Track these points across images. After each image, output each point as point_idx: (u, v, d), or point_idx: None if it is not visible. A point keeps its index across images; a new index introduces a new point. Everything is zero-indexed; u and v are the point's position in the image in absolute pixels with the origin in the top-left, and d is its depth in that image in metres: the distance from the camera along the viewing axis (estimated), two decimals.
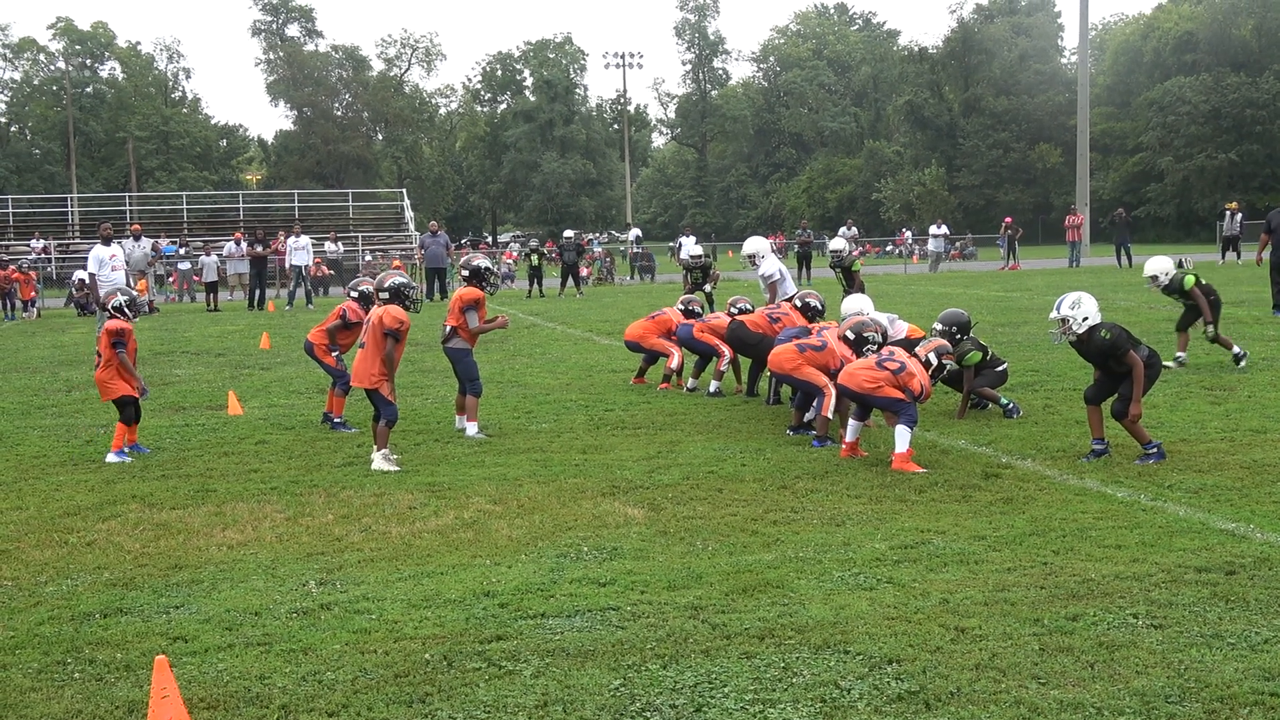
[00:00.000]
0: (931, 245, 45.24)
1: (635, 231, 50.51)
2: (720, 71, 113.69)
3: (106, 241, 19.96)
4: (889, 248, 63.75)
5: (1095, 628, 5.67)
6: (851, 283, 18.47)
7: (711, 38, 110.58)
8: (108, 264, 19.43)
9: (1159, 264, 14.77)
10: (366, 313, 11.24)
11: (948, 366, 10.33)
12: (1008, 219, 46.41)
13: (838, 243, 19.75)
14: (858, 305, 11.83)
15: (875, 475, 9.08)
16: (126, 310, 10.98)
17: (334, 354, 12.21)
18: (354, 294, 12.30)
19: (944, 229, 46.65)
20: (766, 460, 9.75)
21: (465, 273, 11.74)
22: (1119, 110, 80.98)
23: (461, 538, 7.62)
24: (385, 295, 10.38)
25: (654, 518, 7.99)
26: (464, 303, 11.40)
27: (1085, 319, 9.35)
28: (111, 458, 10.58)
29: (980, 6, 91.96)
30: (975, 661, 5.29)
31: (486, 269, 11.75)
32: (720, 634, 5.73)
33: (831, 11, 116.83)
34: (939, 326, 11.84)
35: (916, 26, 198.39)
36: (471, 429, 11.38)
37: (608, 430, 11.45)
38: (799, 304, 12.77)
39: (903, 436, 9.34)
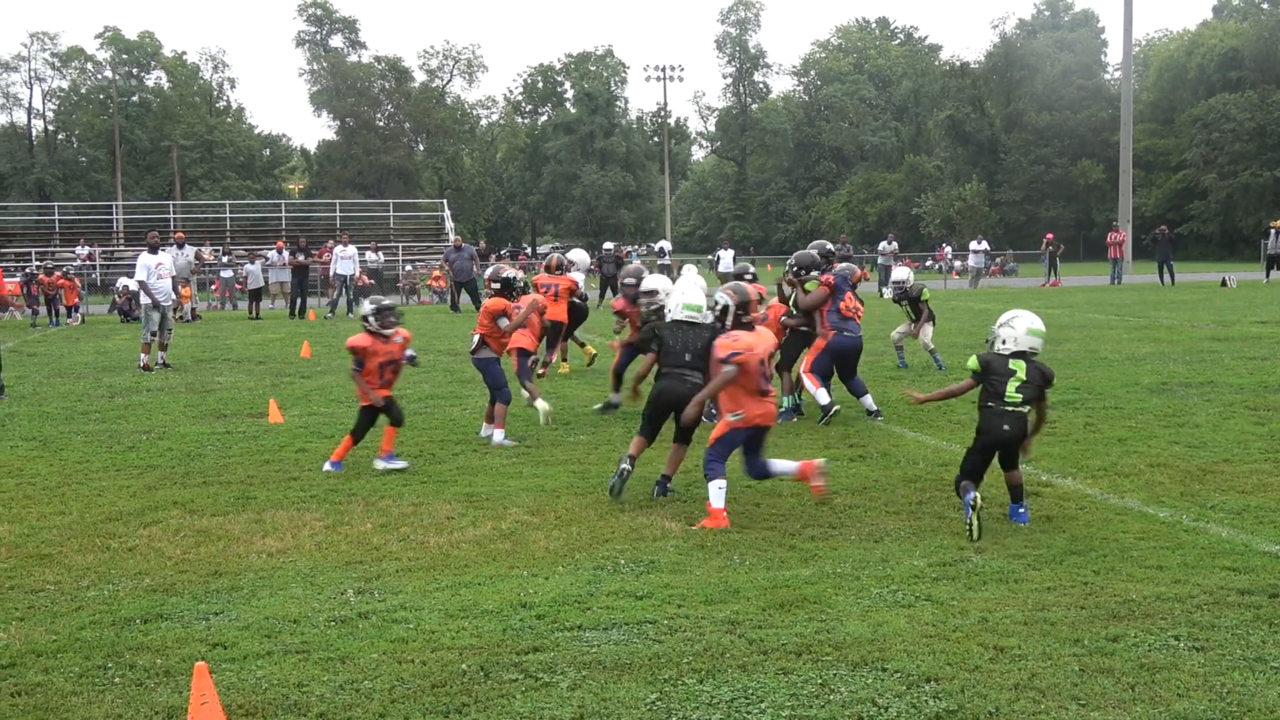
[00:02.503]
0: (972, 261, 45.03)
1: (664, 244, 50.51)
2: (761, 85, 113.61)
3: (154, 250, 20.12)
4: (929, 263, 63.46)
5: (1136, 649, 5.62)
6: (919, 313, 17.44)
7: (752, 51, 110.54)
8: (154, 272, 19.60)
9: None
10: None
11: None
12: (1049, 235, 46.14)
13: (901, 272, 18.21)
14: (928, 334, 11.56)
15: (914, 492, 9.04)
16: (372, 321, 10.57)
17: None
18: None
19: (984, 244, 46.44)
20: None
21: (495, 285, 12.03)
22: (1162, 127, 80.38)
23: (499, 548, 7.64)
24: (496, 286, 11.80)
25: (691, 531, 7.98)
26: (492, 313, 11.69)
27: (1002, 340, 8.51)
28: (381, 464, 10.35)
29: (1023, 22, 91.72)
30: (1014, 681, 5.25)
31: (514, 279, 12.07)
32: (757, 649, 5.71)
33: (873, 26, 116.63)
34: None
35: (958, 41, 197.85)
36: (499, 436, 11.51)
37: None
38: None
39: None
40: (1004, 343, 8.48)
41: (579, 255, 19.08)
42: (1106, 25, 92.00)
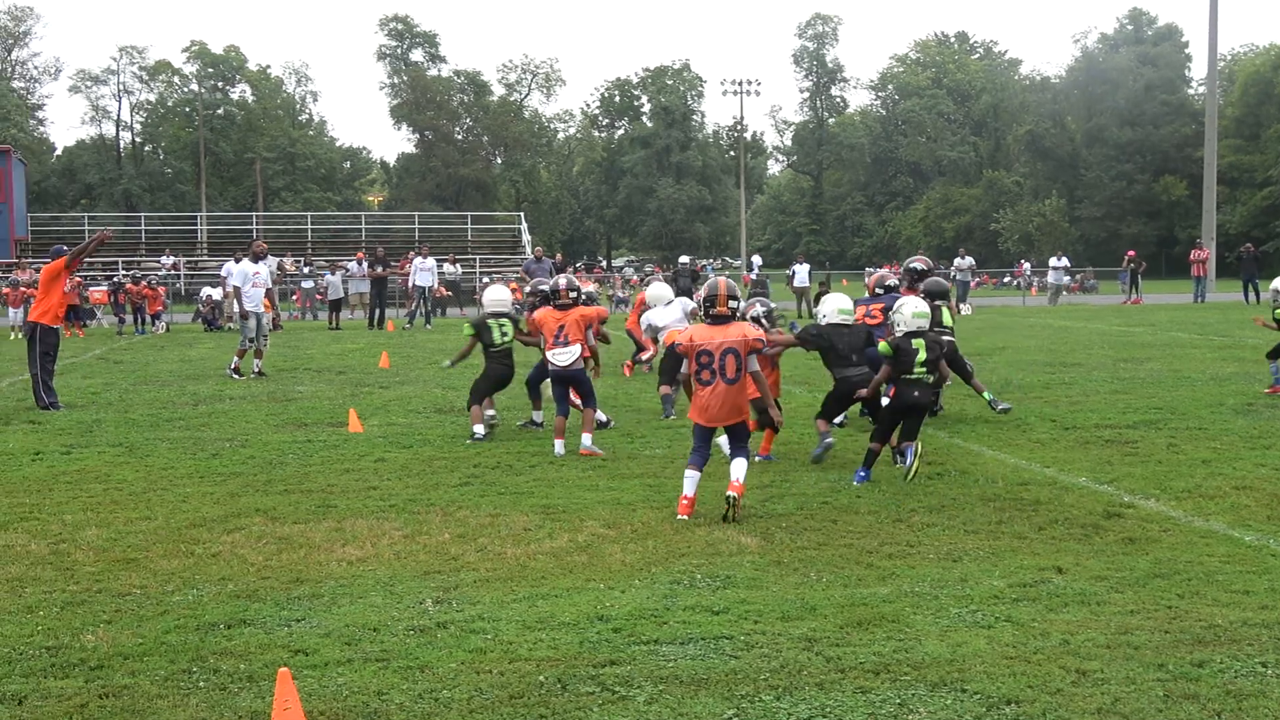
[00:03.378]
0: (1051, 277, 44.57)
1: (755, 259, 50.38)
2: (838, 99, 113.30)
3: (256, 259, 20.47)
4: (1007, 279, 62.84)
5: (1222, 675, 5.52)
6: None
7: (830, 65, 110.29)
8: (250, 279, 19.95)
9: None
10: None
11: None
12: (1130, 252, 45.55)
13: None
14: None
15: (993, 511, 8.94)
16: (764, 322, 11.32)
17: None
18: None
19: (1064, 261, 45.93)
20: (881, 493, 9.66)
21: (575, 294, 12.36)
22: (1248, 143, 79.05)
23: (575, 561, 7.66)
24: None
25: (767, 547, 7.95)
26: (589, 320, 12.26)
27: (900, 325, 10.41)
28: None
29: (1105, 36, 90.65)
30: (1097, 705, 5.17)
31: (557, 290, 12.41)
32: (835, 667, 5.68)
33: (952, 40, 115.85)
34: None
35: (1039, 55, 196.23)
36: (586, 440, 11.84)
37: (721, 458, 11.36)
38: None
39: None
40: (899, 327, 10.48)
41: (659, 290, 17.28)
42: (1190, 39, 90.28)
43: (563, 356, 11.97)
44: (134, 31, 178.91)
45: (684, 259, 38.11)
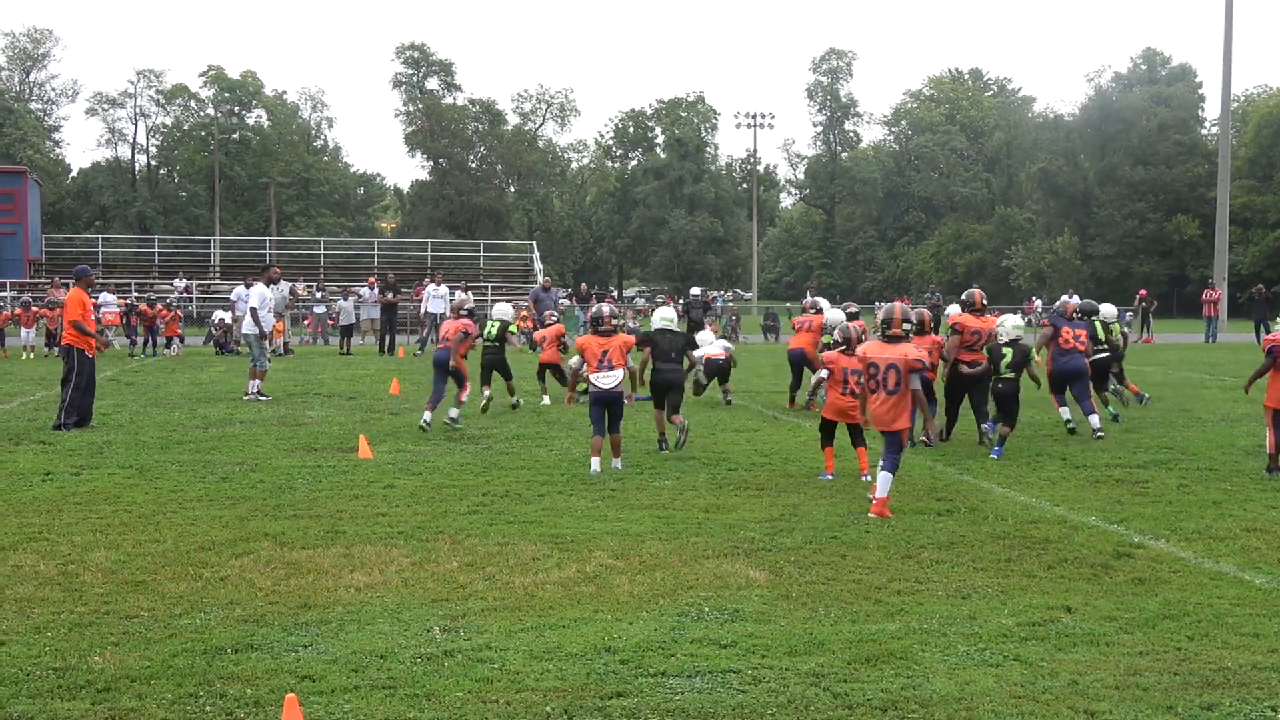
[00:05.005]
0: None
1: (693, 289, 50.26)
2: (851, 134, 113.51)
3: (270, 283, 20.77)
4: (1019, 316, 62.81)
5: (1231, 718, 5.50)
6: None
7: (843, 100, 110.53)
8: (270, 302, 20.30)
9: None
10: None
11: None
12: (1142, 291, 45.49)
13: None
14: None
15: (1003, 549, 8.92)
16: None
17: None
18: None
19: (1075, 298, 45.86)
20: (891, 528, 9.64)
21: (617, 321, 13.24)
22: (1260, 184, 78.93)
23: (583, 591, 7.65)
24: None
25: (776, 581, 7.94)
26: (630, 346, 13.00)
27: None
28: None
29: (1119, 75, 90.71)
30: None
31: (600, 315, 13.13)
32: (842, 703, 5.66)
33: (966, 77, 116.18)
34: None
35: (1052, 93, 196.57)
36: (617, 463, 12.60)
37: (730, 490, 11.43)
38: None
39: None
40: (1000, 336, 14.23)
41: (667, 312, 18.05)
42: (1204, 80, 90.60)
43: (606, 379, 12.55)
44: (152, 55, 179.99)
45: (695, 290, 38.19)
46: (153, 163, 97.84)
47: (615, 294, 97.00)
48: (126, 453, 13.68)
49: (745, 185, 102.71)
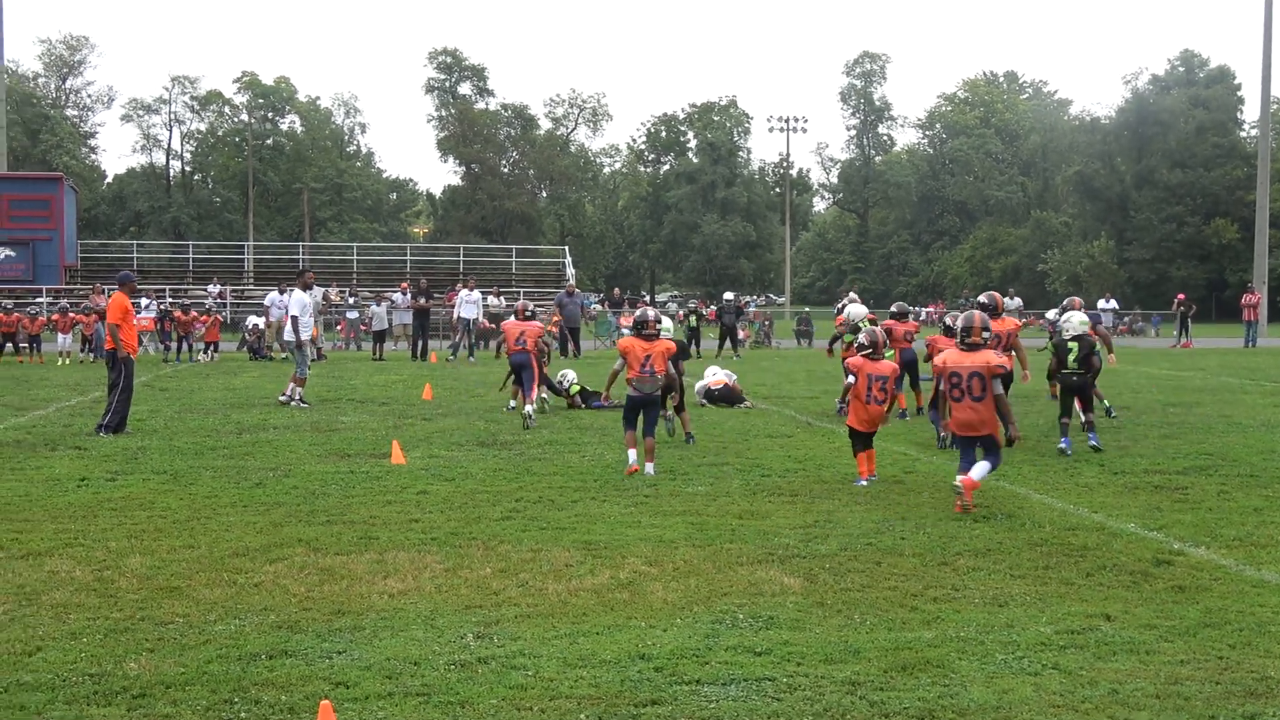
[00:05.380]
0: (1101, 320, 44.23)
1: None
2: (885, 137, 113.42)
3: (306, 288, 20.94)
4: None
5: None
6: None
7: (877, 104, 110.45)
8: (309, 308, 20.50)
9: None
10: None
11: None
12: (1180, 295, 45.15)
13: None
14: None
15: (1040, 556, 8.85)
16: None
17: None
18: None
19: (1112, 303, 45.63)
20: (927, 535, 9.59)
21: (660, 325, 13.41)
22: None
23: (617, 598, 7.64)
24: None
25: (810, 588, 7.91)
26: (672, 352, 13.30)
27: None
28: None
29: (1156, 77, 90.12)
30: None
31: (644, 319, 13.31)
32: (879, 711, 5.63)
33: (1001, 79, 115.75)
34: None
35: (1088, 96, 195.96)
36: (650, 469, 12.59)
37: (764, 496, 11.39)
38: None
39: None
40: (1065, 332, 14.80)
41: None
42: (1243, 82, 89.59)
43: (647, 384, 12.76)
44: (186, 62, 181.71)
45: (728, 295, 38.13)
46: (187, 169, 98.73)
47: (647, 299, 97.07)
48: (161, 458, 13.76)
49: (778, 189, 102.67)
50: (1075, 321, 15.07)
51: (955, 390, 10.71)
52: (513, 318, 19.10)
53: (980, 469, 10.54)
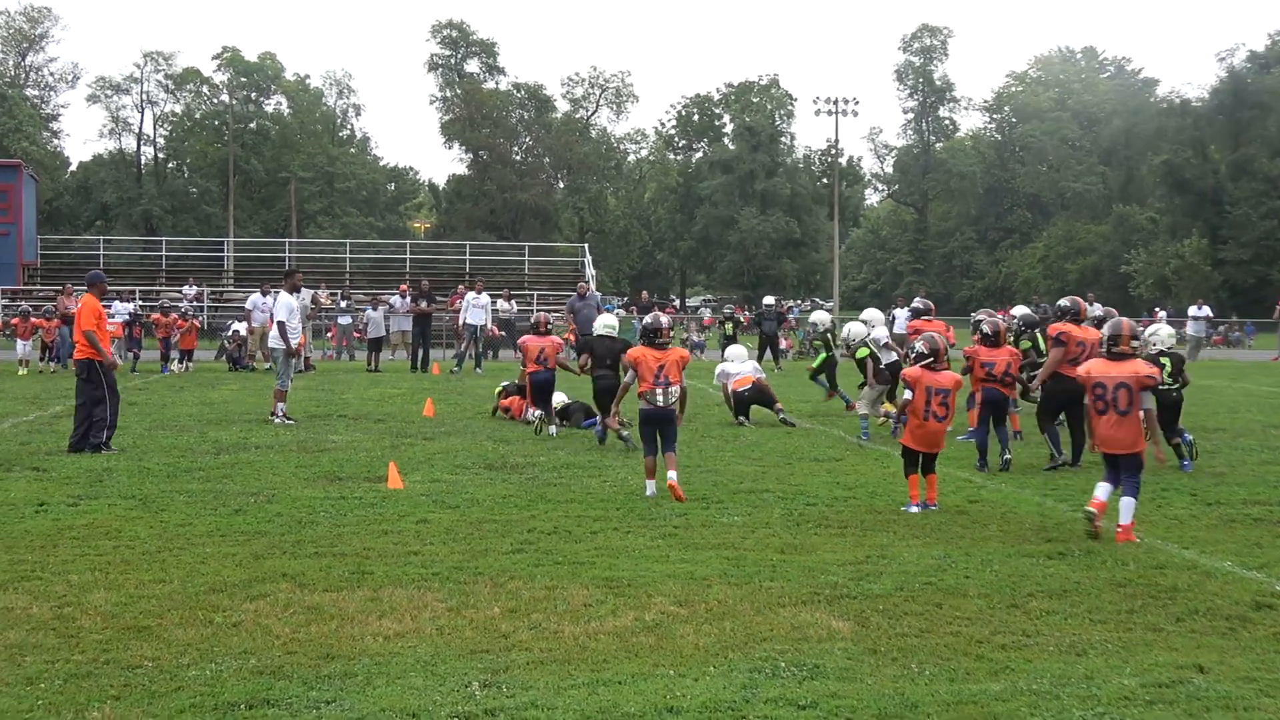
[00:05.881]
0: (1190, 329, 43.93)
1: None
2: (946, 122, 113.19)
3: (294, 290, 21.05)
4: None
5: None
6: (864, 371, 19.72)
7: (938, 83, 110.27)
8: (297, 312, 20.60)
9: None
10: None
11: None
12: None
13: (819, 316, 24.10)
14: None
15: (1123, 598, 8.81)
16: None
17: None
18: None
19: (1205, 310, 45.37)
20: (994, 573, 9.55)
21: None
22: None
23: (642, 642, 7.63)
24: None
25: (861, 633, 7.89)
26: (686, 361, 13.28)
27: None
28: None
29: (1255, 54, 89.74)
30: None
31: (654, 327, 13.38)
32: None
33: (1078, 56, 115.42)
34: None
35: (1178, 75, 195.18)
36: (672, 475, 12.78)
37: (809, 528, 11.37)
38: None
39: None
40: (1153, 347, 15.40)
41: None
42: None
43: (661, 397, 12.92)
44: (160, 36, 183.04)
45: (768, 300, 38.14)
46: (160, 155, 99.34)
47: (676, 303, 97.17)
48: (129, 481, 13.83)
49: (825, 180, 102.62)
50: (1164, 334, 15.60)
51: (1099, 403, 10.95)
52: (531, 334, 19.09)
53: (1128, 509, 10.77)
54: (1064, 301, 16.05)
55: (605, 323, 18.14)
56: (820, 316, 23.91)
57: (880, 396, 19.23)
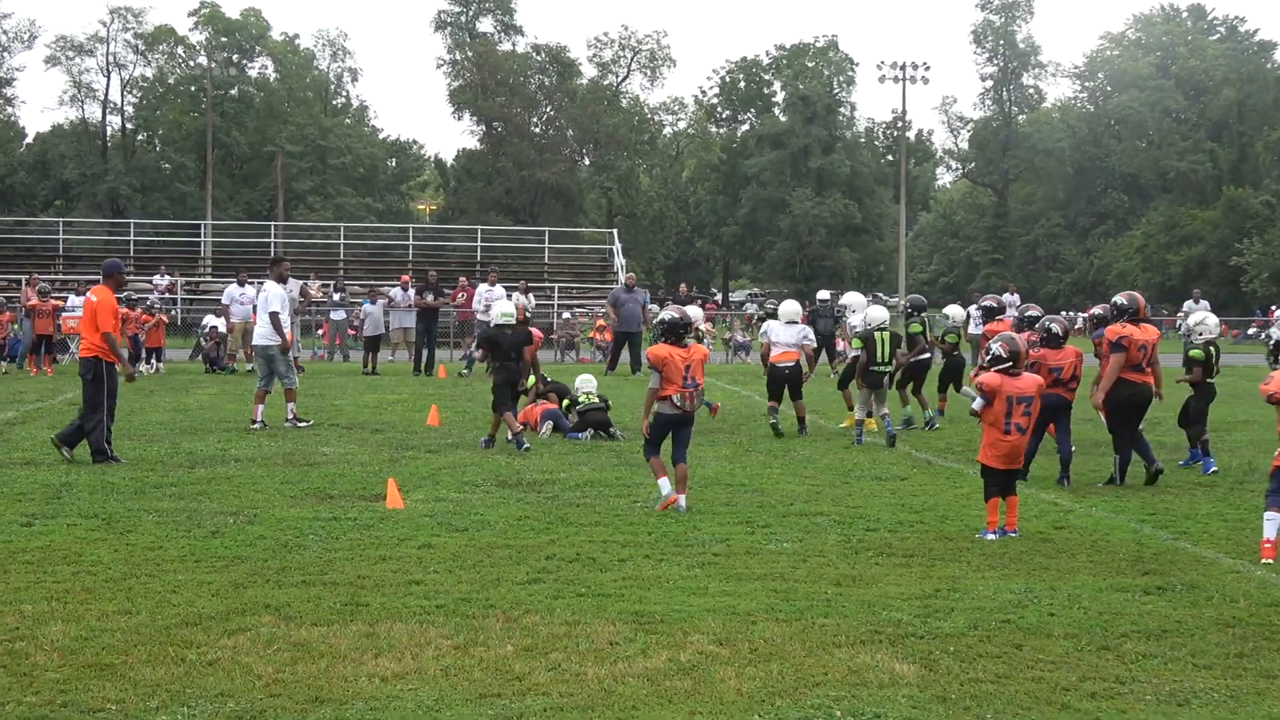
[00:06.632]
0: None
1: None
2: (1031, 91, 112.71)
3: (281, 280, 21.20)
4: (1251, 330, 61.86)
5: None
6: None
7: (1021, 46, 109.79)
8: (286, 303, 20.77)
9: None
10: None
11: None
12: None
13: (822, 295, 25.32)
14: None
15: (1232, 640, 8.78)
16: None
17: None
18: None
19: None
20: (1083, 609, 9.53)
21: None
22: None
23: (676, 687, 7.64)
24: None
25: (929, 678, 7.88)
26: (706, 359, 13.87)
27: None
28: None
29: None
30: None
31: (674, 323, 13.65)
32: None
33: (1184, 15, 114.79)
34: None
35: None
36: (682, 501, 13.34)
37: (869, 557, 11.36)
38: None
39: None
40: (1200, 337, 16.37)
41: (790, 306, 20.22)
42: None
43: (689, 401, 13.32)
44: None
45: (824, 294, 37.88)
46: (129, 126, 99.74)
47: (719, 297, 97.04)
48: (91, 498, 13.89)
49: (890, 157, 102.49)
50: (1211, 324, 16.78)
51: None
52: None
53: (1274, 525, 11.21)
54: (1120, 299, 15.95)
55: (503, 310, 18.80)
56: (954, 311, 24.70)
57: (869, 398, 19.56)
